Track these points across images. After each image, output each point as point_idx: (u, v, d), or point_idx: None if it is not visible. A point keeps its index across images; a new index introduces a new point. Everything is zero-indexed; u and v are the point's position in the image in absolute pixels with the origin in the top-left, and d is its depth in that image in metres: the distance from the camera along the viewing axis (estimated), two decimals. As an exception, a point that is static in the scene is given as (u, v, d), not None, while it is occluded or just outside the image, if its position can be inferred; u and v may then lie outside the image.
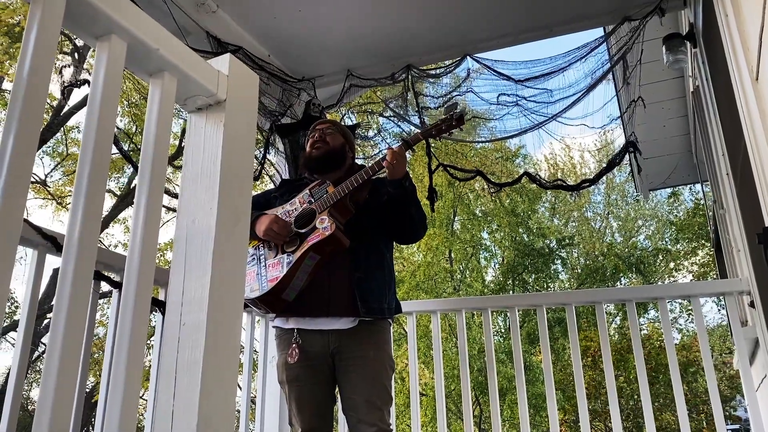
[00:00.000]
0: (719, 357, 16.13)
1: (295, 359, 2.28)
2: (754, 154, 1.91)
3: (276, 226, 2.33)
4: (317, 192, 2.40)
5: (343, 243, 2.29)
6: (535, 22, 3.42)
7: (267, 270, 2.32)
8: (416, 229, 2.49)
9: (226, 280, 0.95)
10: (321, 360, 2.31)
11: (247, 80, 1.10)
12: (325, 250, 2.28)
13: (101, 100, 0.86)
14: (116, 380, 0.83)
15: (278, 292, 2.26)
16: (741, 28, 1.92)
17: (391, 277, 2.48)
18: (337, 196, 2.33)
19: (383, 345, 2.36)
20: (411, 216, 2.43)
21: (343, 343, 2.29)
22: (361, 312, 2.28)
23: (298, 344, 2.29)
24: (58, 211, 13.87)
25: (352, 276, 2.33)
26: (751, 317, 3.13)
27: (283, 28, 3.42)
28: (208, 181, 0.99)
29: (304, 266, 2.27)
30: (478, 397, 14.39)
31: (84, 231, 0.80)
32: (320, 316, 2.31)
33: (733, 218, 3.28)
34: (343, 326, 2.30)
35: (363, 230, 2.39)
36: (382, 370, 2.31)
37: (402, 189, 2.37)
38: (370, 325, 2.33)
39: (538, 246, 17.65)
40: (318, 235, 2.27)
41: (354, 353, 2.28)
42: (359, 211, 2.41)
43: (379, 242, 2.46)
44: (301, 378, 2.30)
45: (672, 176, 5.87)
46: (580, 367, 2.96)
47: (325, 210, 2.32)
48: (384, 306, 2.37)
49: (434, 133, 2.42)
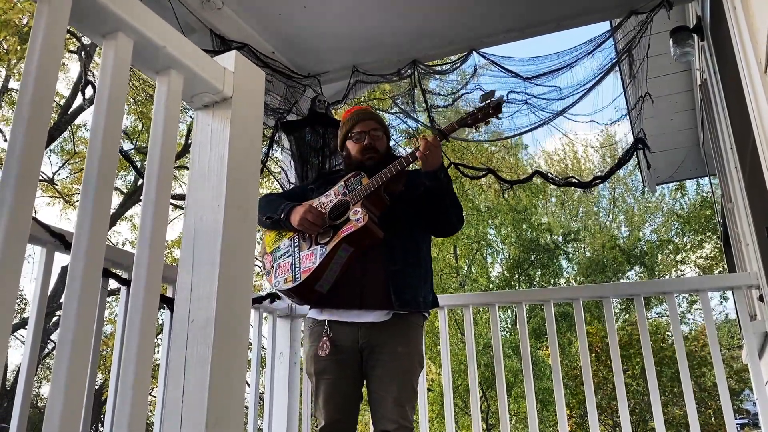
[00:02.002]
0: (726, 351, 16.07)
1: (326, 352, 2.27)
2: (763, 147, 1.90)
3: (310, 215, 2.33)
4: (352, 183, 2.39)
5: (377, 235, 2.28)
6: (542, 16, 3.40)
7: (301, 261, 2.32)
8: (452, 222, 2.47)
9: (233, 277, 0.95)
10: (350, 354, 2.30)
11: (254, 77, 1.10)
12: (358, 241, 2.27)
13: (108, 98, 0.86)
14: (125, 377, 0.83)
15: (311, 284, 2.27)
16: (749, 21, 1.90)
17: (427, 270, 2.46)
18: (371, 188, 2.32)
19: (414, 340, 2.34)
20: (447, 208, 2.41)
21: (373, 337, 2.28)
22: (395, 305, 2.27)
23: (329, 337, 2.29)
24: (66, 209, 13.94)
25: (386, 268, 2.31)
26: (760, 311, 3.12)
27: (289, 25, 3.42)
28: (215, 178, 0.99)
29: (337, 258, 2.27)
30: (485, 392, 14.39)
31: (92, 229, 0.80)
32: (353, 308, 2.30)
33: (742, 212, 3.26)
34: (376, 319, 2.28)
35: (398, 222, 2.37)
36: (409, 366, 2.29)
37: (437, 181, 2.34)
38: (403, 319, 2.31)
39: (543, 241, 17.63)
40: (351, 226, 2.26)
41: (382, 348, 2.27)
42: (395, 203, 2.39)
43: (415, 234, 2.44)
44: (330, 371, 2.29)
45: (679, 170, 5.85)
46: (588, 363, 2.96)
47: (359, 201, 2.31)
48: (419, 299, 2.35)
49: (470, 122, 2.38)
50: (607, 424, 14.71)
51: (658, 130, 5.11)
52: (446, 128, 2.40)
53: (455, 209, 2.45)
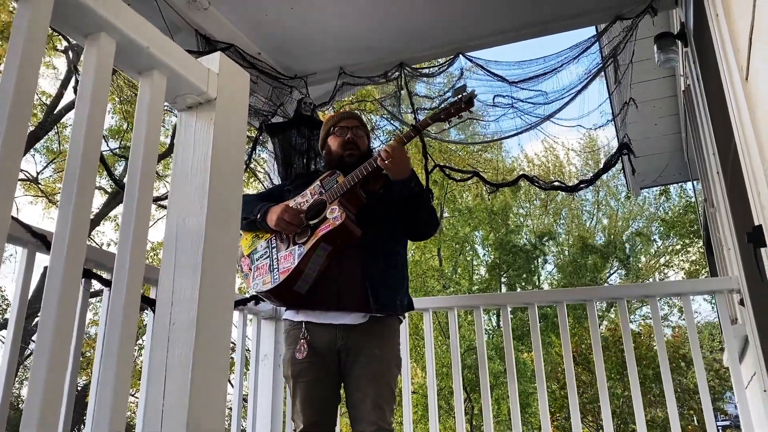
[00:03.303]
0: (709, 354, 16.24)
1: (303, 355, 2.27)
2: (743, 153, 1.92)
3: (287, 215, 2.32)
4: (328, 182, 2.39)
5: (355, 233, 2.27)
6: (528, 20, 3.42)
7: (279, 262, 2.31)
8: (426, 229, 2.49)
9: (215, 279, 0.95)
10: (328, 357, 2.29)
11: (238, 78, 1.10)
12: (336, 240, 2.27)
13: (91, 98, 0.85)
14: (105, 379, 0.82)
15: (290, 284, 2.26)
16: (731, 27, 1.92)
17: (404, 272, 2.46)
18: (347, 186, 2.32)
19: (390, 343, 2.34)
20: (420, 217, 2.42)
21: (351, 339, 2.28)
22: (372, 308, 2.27)
23: (306, 339, 2.28)
24: (48, 209, 13.80)
25: (364, 270, 2.31)
26: (740, 315, 3.15)
27: (276, 26, 3.41)
28: (198, 179, 0.99)
29: (315, 257, 2.26)
30: (469, 394, 14.43)
31: (73, 229, 0.80)
32: (330, 310, 2.30)
33: (724, 217, 3.29)
34: (353, 321, 2.28)
35: (376, 223, 2.37)
36: (388, 368, 2.29)
37: (409, 190, 2.35)
38: (380, 322, 2.31)
39: (525, 244, 17.74)
40: (328, 225, 2.26)
41: (360, 350, 2.27)
42: (373, 204, 2.39)
43: (393, 237, 2.44)
44: (307, 374, 2.29)
45: (663, 174, 5.90)
46: (572, 365, 2.97)
47: (336, 200, 2.31)
48: (396, 302, 2.35)
49: (443, 117, 2.39)
50: (590, 425, 14.80)
51: (642, 135, 5.16)
52: (420, 124, 2.42)
53: (429, 215, 2.45)
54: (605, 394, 2.85)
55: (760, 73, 1.58)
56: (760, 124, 1.68)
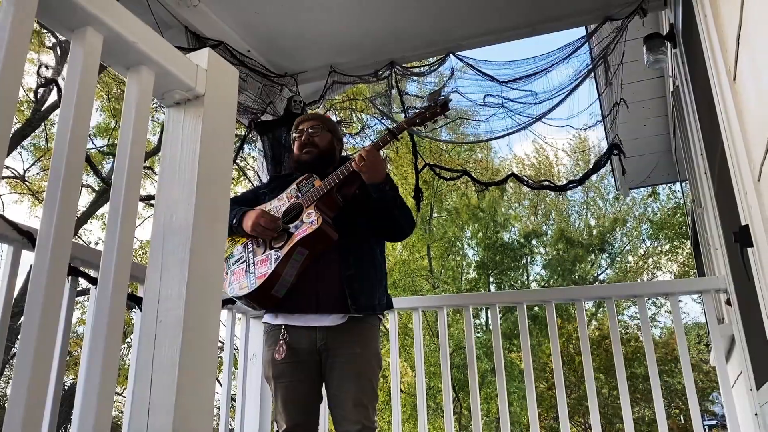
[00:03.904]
0: (696, 355, 16.35)
1: (282, 356, 2.27)
2: (731, 153, 1.93)
3: (263, 220, 2.32)
4: (304, 186, 2.39)
5: (331, 237, 2.27)
6: (518, 20, 3.43)
7: (256, 267, 2.30)
8: (402, 231, 2.49)
9: (203, 277, 0.94)
10: (308, 357, 2.29)
11: (227, 75, 1.09)
12: (313, 244, 2.26)
13: (77, 94, 0.84)
14: (90, 377, 0.81)
15: (267, 289, 2.25)
16: (719, 28, 1.94)
17: (382, 272, 2.47)
18: (323, 190, 2.32)
19: (371, 342, 2.35)
20: (395, 219, 2.42)
21: (331, 339, 2.28)
22: (351, 309, 2.27)
23: (286, 341, 2.28)
24: (35, 207, 13.69)
25: (342, 272, 2.31)
26: (727, 315, 3.17)
27: (266, 24, 3.40)
28: (186, 176, 0.98)
29: (292, 261, 2.25)
30: (457, 394, 14.46)
31: (58, 225, 0.79)
32: (309, 313, 2.30)
33: (711, 217, 3.32)
34: (332, 323, 2.28)
35: (353, 226, 2.38)
36: (369, 367, 2.30)
37: (383, 193, 2.35)
38: (359, 322, 2.31)
39: (513, 243, 17.83)
40: (305, 229, 2.25)
41: (341, 350, 2.27)
42: (349, 207, 2.39)
43: (369, 238, 2.45)
44: (288, 375, 2.29)
45: (652, 175, 5.93)
46: (560, 365, 2.98)
47: (312, 204, 2.31)
48: (375, 302, 2.36)
49: (418, 121, 2.42)
50: (578, 423, 14.88)
51: (631, 135, 5.18)
52: (396, 128, 2.42)
53: (404, 217, 2.46)
54: (593, 393, 2.86)
55: (747, 74, 1.58)
56: (747, 125, 1.69)
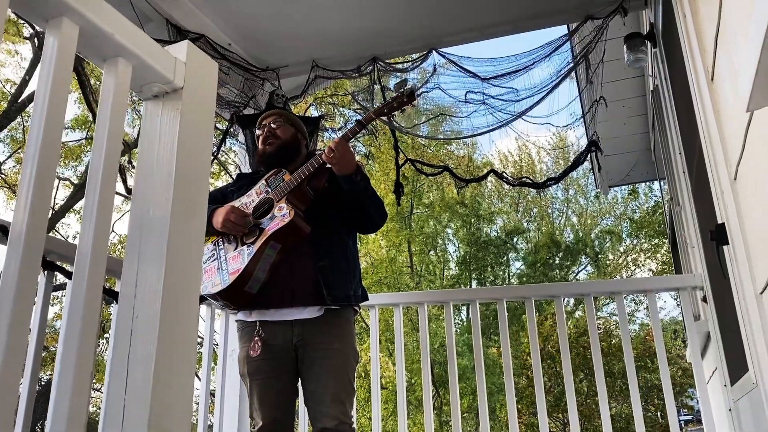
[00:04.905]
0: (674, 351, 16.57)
1: (257, 352, 2.25)
2: (708, 152, 1.96)
3: (233, 216, 2.30)
4: (274, 181, 2.37)
5: (304, 229, 2.26)
6: (500, 17, 3.44)
7: (228, 263, 2.28)
8: (374, 221, 2.48)
9: (180, 273, 0.93)
10: (284, 353, 2.28)
11: (206, 68, 1.08)
12: (286, 237, 2.25)
13: (51, 85, 0.83)
14: (64, 371, 0.80)
15: (241, 285, 2.23)
16: (698, 28, 1.96)
17: (355, 264, 2.47)
18: (294, 183, 2.30)
19: (348, 336, 2.34)
20: (366, 210, 2.42)
21: (307, 334, 2.27)
22: (326, 300, 2.26)
23: (261, 337, 2.27)
24: (11, 200, 13.49)
25: (315, 264, 2.30)
26: (703, 312, 3.22)
27: (248, 17, 3.37)
28: (163, 170, 0.97)
29: (265, 256, 2.24)
30: (438, 390, 14.53)
31: (31, 217, 0.77)
32: (284, 307, 2.29)
33: (689, 215, 3.36)
34: (309, 315, 2.27)
35: (324, 218, 2.37)
36: (346, 362, 2.30)
37: (354, 185, 2.34)
38: (336, 315, 2.31)
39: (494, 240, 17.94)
40: (277, 223, 2.24)
41: (318, 345, 2.26)
42: (320, 200, 2.38)
43: (341, 230, 2.44)
44: (263, 371, 2.28)
45: (631, 173, 5.99)
46: (539, 360, 3.01)
47: (283, 198, 2.29)
48: (350, 293, 2.35)
49: (386, 111, 2.41)
50: (557, 419, 15.02)
51: (611, 134, 5.23)
52: (364, 119, 2.42)
53: (376, 207, 2.45)
54: (571, 389, 2.89)
55: (725, 74, 1.60)
56: (724, 124, 1.71)
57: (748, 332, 1.80)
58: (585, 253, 18.40)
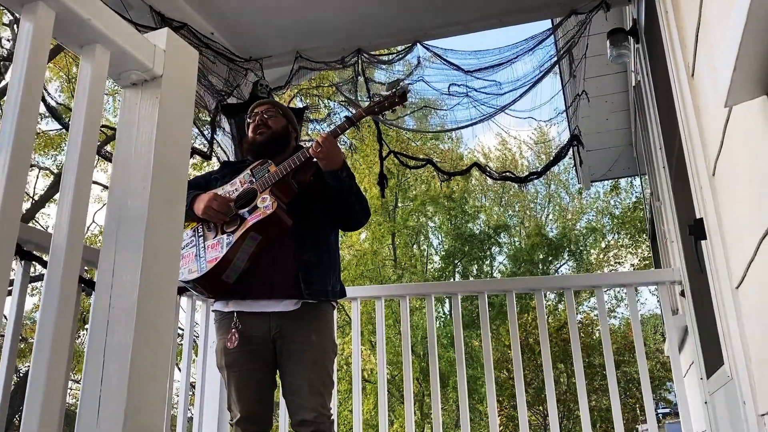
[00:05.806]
0: (653, 345, 16.78)
1: (234, 344, 2.24)
2: (687, 148, 1.98)
3: (215, 203, 2.28)
4: (259, 171, 2.36)
5: (286, 222, 2.25)
6: (485, 10, 3.44)
7: (206, 251, 2.26)
8: (358, 218, 2.48)
9: (158, 264, 0.92)
10: (261, 344, 2.27)
11: (186, 56, 1.06)
12: (267, 229, 2.24)
13: (26, 71, 0.81)
14: (39, 361, 0.79)
15: (218, 274, 2.21)
16: (680, 25, 1.97)
17: (336, 260, 2.46)
18: (279, 175, 2.29)
19: (326, 329, 2.34)
20: (351, 207, 2.42)
21: (285, 326, 2.26)
22: (304, 294, 2.26)
23: (238, 329, 2.26)
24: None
25: (296, 258, 2.29)
26: (681, 306, 3.26)
27: (231, 6, 3.34)
28: (142, 160, 0.96)
29: (244, 247, 2.22)
30: (420, 382, 14.60)
31: (5, 205, 0.76)
32: (262, 299, 2.28)
33: (668, 210, 3.39)
34: (286, 308, 2.27)
35: (307, 212, 2.36)
36: (325, 354, 2.30)
37: (339, 181, 2.34)
38: (313, 309, 2.30)
39: (478, 233, 18.03)
40: (259, 214, 2.23)
41: (296, 337, 2.26)
42: (304, 193, 2.37)
43: (324, 225, 2.44)
44: (240, 363, 2.27)
45: (613, 168, 6.04)
46: (519, 353, 3.03)
47: (267, 189, 2.28)
48: (328, 288, 2.35)
49: (377, 110, 2.41)
50: (537, 411, 15.16)
51: (594, 129, 5.26)
52: (354, 116, 2.42)
53: (360, 205, 2.45)
54: (551, 381, 2.92)
55: (705, 71, 1.62)
56: (704, 120, 1.73)
57: (724, 326, 1.82)
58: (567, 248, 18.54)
